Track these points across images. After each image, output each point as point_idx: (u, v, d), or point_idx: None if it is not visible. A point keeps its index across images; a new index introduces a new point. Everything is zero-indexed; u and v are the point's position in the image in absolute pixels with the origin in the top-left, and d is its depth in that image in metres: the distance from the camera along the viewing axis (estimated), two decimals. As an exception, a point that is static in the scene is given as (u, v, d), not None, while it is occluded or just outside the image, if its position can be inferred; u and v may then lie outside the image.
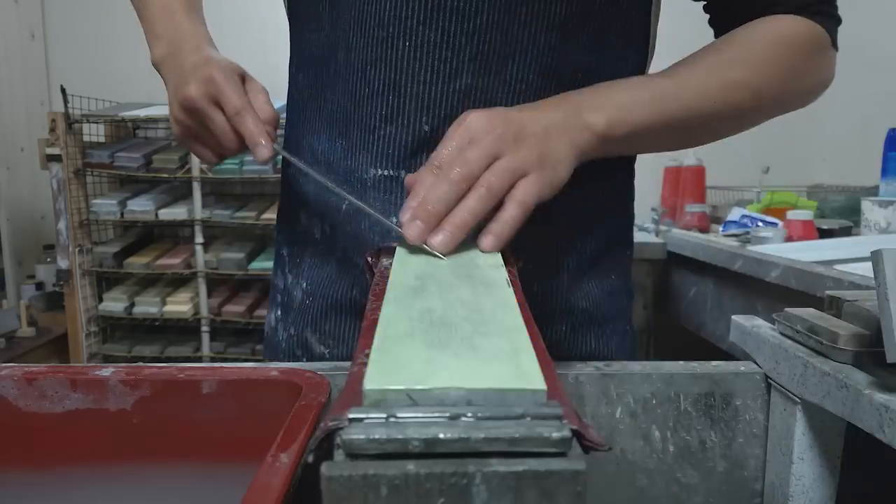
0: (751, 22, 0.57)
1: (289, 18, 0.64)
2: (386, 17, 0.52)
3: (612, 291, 0.63)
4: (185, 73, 0.55)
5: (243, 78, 0.57)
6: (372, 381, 0.25)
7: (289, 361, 0.64)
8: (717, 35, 0.62)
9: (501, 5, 0.51)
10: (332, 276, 0.61)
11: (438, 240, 0.42)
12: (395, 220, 0.55)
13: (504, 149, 0.45)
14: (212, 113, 0.54)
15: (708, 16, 0.63)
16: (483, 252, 0.43)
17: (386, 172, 0.56)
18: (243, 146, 0.55)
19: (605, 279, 0.62)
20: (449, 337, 0.29)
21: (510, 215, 0.44)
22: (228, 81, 0.54)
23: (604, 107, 0.49)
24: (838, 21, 0.58)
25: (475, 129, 0.45)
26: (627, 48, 0.58)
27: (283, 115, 0.67)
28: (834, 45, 0.58)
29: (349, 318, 0.60)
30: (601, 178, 0.58)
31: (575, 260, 0.59)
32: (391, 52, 0.53)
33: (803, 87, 0.57)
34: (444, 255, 0.42)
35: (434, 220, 0.43)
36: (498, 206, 0.45)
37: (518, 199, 0.44)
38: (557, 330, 0.59)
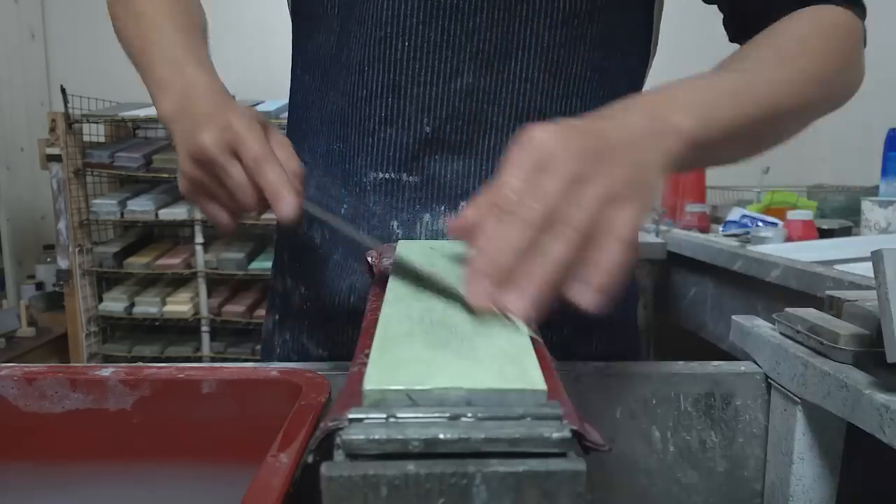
0: (791, 14, 0.52)
1: (293, 19, 0.63)
2: (384, 17, 0.52)
3: (618, 295, 0.62)
4: (198, 121, 0.48)
5: (265, 128, 0.50)
6: (371, 381, 0.25)
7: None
8: (734, 36, 0.58)
9: (501, 3, 0.51)
10: (331, 280, 0.60)
11: (517, 303, 0.31)
12: (395, 224, 0.55)
13: (587, 172, 0.34)
14: (227, 163, 0.46)
15: (721, 16, 0.59)
16: (585, 311, 0.34)
17: (387, 175, 0.55)
18: (263, 202, 0.47)
19: None
20: (449, 337, 0.29)
21: (612, 258, 0.33)
22: (249, 128, 0.47)
23: (688, 107, 0.40)
24: (866, 14, 0.55)
25: (546, 149, 0.34)
26: (632, 45, 0.58)
27: (284, 115, 0.66)
28: (864, 38, 0.55)
29: (348, 323, 0.60)
30: None
31: None
32: (390, 52, 0.52)
33: (854, 79, 0.54)
34: (525, 323, 0.31)
35: (507, 277, 0.32)
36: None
37: (617, 234, 0.33)
38: (559, 333, 0.59)
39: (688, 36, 0.61)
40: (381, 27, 0.52)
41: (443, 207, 0.55)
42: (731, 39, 0.59)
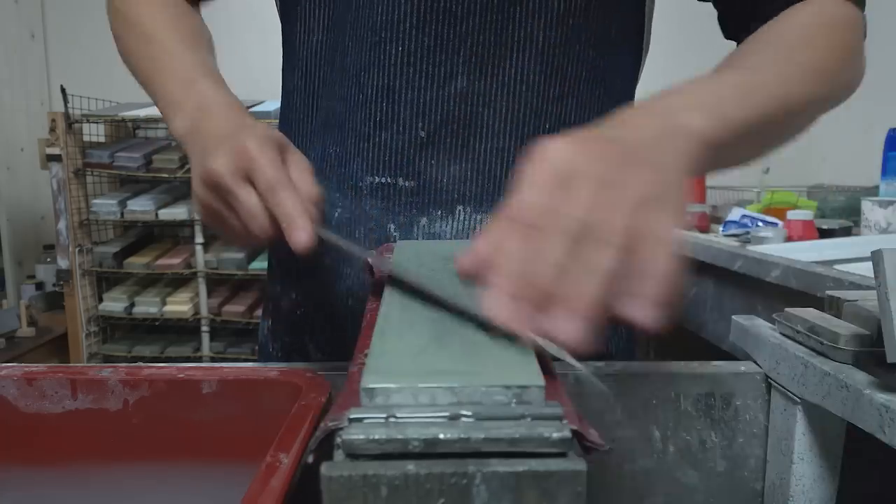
0: (790, 8, 0.51)
1: (281, 19, 0.63)
2: (378, 22, 0.52)
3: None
4: (212, 143, 0.46)
5: (282, 148, 0.48)
6: (371, 380, 0.25)
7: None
8: (729, 33, 0.57)
9: (494, 5, 0.50)
10: (325, 284, 0.60)
11: (567, 327, 0.28)
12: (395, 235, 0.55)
13: (615, 176, 0.31)
14: (239, 189, 0.44)
15: (716, 13, 0.58)
16: (644, 327, 0.30)
17: (383, 180, 0.55)
18: (278, 231, 0.44)
19: None
20: (447, 335, 0.29)
21: (663, 266, 0.29)
22: (263, 151, 0.44)
23: (696, 107, 0.38)
24: (865, 5, 0.54)
25: (565, 160, 0.31)
26: (625, 44, 0.58)
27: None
28: (865, 30, 0.54)
29: (346, 325, 0.60)
30: None
31: None
32: (384, 57, 0.52)
33: (858, 73, 0.53)
34: (575, 355, 0.28)
35: (548, 298, 0.28)
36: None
37: (662, 239, 0.30)
38: None
39: (682, 34, 0.61)
40: (375, 32, 0.52)
41: (439, 211, 0.55)
42: (727, 36, 0.58)
